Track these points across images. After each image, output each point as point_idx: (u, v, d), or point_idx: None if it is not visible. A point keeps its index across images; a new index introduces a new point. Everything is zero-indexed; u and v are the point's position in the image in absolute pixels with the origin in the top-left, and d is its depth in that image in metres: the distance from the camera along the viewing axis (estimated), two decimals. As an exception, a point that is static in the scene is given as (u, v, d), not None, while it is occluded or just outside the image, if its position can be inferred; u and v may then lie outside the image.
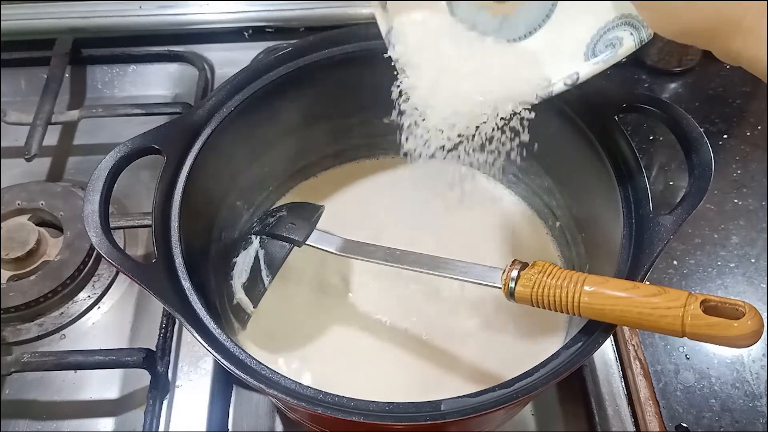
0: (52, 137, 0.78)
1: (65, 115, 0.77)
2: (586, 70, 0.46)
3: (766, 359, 0.62)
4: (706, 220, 0.71)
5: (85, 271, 0.68)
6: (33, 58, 0.84)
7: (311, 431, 0.57)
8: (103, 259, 0.55)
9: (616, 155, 0.52)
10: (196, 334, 0.44)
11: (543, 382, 0.42)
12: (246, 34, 0.88)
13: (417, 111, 0.49)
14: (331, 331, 0.59)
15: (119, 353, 0.59)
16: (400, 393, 0.52)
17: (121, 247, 0.48)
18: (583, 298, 0.43)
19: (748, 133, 0.78)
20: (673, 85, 0.83)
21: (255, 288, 0.56)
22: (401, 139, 0.51)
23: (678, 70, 0.83)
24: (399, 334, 0.59)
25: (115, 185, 0.50)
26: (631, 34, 0.44)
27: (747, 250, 0.69)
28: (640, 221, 0.49)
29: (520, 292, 0.45)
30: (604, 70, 0.46)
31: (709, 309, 0.39)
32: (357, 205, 0.67)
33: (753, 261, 0.68)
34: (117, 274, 0.69)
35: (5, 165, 0.76)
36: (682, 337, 0.40)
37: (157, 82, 0.86)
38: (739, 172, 0.75)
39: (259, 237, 0.58)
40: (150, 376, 0.59)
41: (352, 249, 0.54)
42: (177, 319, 0.53)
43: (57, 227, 0.71)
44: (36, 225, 0.69)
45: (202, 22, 0.87)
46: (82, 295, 0.67)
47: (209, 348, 0.43)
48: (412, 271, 0.51)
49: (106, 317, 0.67)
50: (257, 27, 0.87)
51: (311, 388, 0.42)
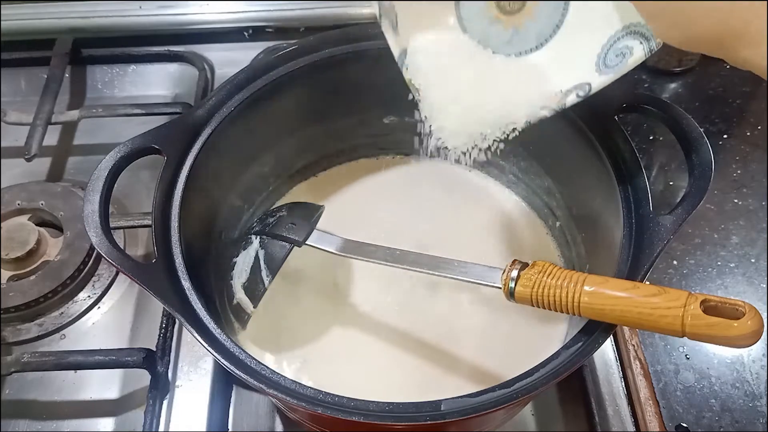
0: (52, 137, 0.78)
1: (65, 115, 0.77)
2: (598, 80, 0.46)
3: (766, 359, 0.62)
4: (706, 220, 0.71)
5: (85, 271, 0.68)
6: (33, 58, 0.84)
7: (311, 431, 0.57)
8: (103, 259, 0.55)
9: (616, 155, 0.52)
10: (196, 334, 0.43)
11: (543, 382, 0.42)
12: (246, 34, 0.88)
13: (435, 132, 0.50)
14: (331, 331, 0.59)
15: (119, 353, 0.59)
16: (400, 393, 0.52)
17: (121, 247, 0.48)
18: (583, 298, 0.43)
19: (748, 133, 0.78)
20: (673, 85, 0.83)
21: (255, 288, 0.56)
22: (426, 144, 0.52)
23: (678, 70, 0.83)
24: (399, 334, 0.59)
25: (115, 185, 0.50)
26: (641, 43, 0.44)
27: (747, 250, 0.69)
28: (640, 221, 0.49)
29: (520, 292, 0.45)
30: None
31: (709, 309, 0.39)
32: (357, 205, 0.67)
33: (753, 261, 0.68)
34: (117, 274, 0.69)
35: (5, 165, 0.76)
36: (682, 337, 0.40)
37: (157, 82, 0.86)
38: (739, 172, 0.75)
39: (259, 237, 0.57)
40: (150, 376, 0.59)
41: (352, 249, 0.54)
42: (177, 319, 0.53)
43: (57, 227, 0.71)
44: (36, 225, 0.69)
45: (202, 22, 0.87)
46: (82, 295, 0.67)
47: (209, 348, 0.43)
48: (412, 271, 0.51)
49: (106, 317, 0.67)
50: (257, 27, 0.87)
51: (311, 388, 0.42)
